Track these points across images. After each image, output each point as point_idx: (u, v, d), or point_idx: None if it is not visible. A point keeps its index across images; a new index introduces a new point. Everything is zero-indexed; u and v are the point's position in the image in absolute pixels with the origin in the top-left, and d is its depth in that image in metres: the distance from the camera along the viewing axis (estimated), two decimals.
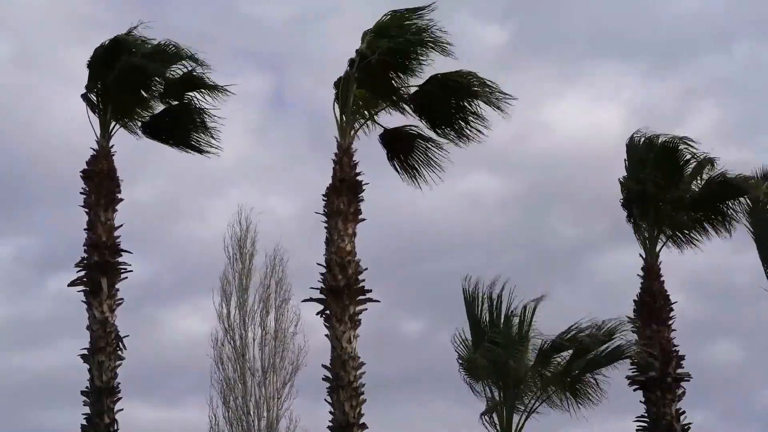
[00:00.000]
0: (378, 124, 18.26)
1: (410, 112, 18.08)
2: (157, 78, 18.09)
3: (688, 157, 19.42)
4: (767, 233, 19.49)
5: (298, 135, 42.47)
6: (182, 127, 18.82)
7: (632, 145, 19.57)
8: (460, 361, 17.50)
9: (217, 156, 18.94)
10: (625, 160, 19.68)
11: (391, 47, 17.22)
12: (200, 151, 18.96)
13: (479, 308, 17.67)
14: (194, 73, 18.06)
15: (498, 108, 17.44)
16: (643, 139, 19.50)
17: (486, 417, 17.35)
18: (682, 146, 19.32)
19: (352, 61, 17.41)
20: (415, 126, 18.23)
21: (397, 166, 18.56)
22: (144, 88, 18.29)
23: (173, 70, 18.11)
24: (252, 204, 38.98)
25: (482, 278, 17.76)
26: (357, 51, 17.35)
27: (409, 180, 18.58)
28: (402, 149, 18.41)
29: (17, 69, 40.49)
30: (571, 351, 17.83)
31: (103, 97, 17.97)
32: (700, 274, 30.70)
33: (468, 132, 18.03)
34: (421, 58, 17.48)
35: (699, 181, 19.49)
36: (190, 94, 18.40)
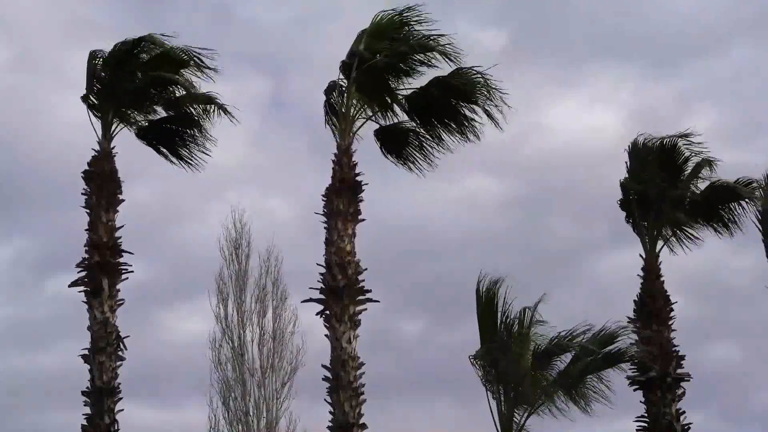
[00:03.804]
0: (378, 124, 18.32)
1: (406, 114, 18.14)
2: (175, 87, 18.15)
3: (687, 154, 19.54)
4: None
5: (296, 137, 42.51)
6: (176, 138, 18.88)
7: (635, 148, 19.67)
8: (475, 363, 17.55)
9: (207, 162, 19.05)
10: (626, 162, 19.77)
11: (396, 51, 17.29)
12: (188, 164, 19.02)
13: (489, 307, 17.70)
14: (208, 93, 18.16)
15: (496, 107, 17.49)
16: (645, 141, 19.62)
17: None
18: (681, 142, 19.43)
19: (348, 64, 17.41)
20: (408, 122, 18.30)
21: (391, 159, 18.61)
22: (161, 96, 18.34)
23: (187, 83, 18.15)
24: (251, 206, 39.08)
25: (499, 277, 17.80)
26: (354, 52, 17.34)
27: (404, 168, 18.64)
28: (395, 143, 18.47)
29: (17, 72, 40.56)
30: (570, 353, 17.90)
31: (107, 98, 17.96)
32: (699, 274, 30.75)
33: (463, 134, 18.07)
34: (423, 62, 17.56)
35: (697, 181, 19.56)
36: (192, 107, 18.46)
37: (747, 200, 19.54)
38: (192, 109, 18.56)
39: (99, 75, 17.93)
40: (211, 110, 18.37)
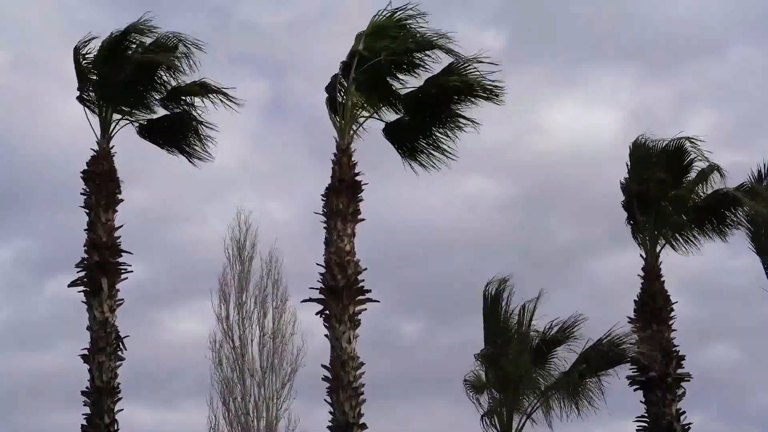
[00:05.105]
0: (380, 120, 18.29)
1: (403, 112, 18.11)
2: (166, 72, 18.01)
3: (693, 156, 19.53)
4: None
5: (296, 139, 42.63)
6: (179, 133, 18.80)
7: (636, 148, 19.66)
8: (465, 380, 17.54)
9: (209, 162, 18.97)
10: (627, 163, 19.76)
11: (396, 50, 17.29)
12: (194, 158, 18.95)
13: (496, 308, 17.70)
14: (205, 80, 18.08)
15: (492, 95, 17.41)
16: (647, 142, 19.63)
17: (488, 418, 17.37)
18: (687, 144, 19.42)
19: (348, 64, 17.40)
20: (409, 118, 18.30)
21: (406, 156, 18.40)
22: (151, 83, 18.21)
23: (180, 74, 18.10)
24: (250, 207, 39.16)
25: (506, 278, 17.80)
26: (354, 51, 17.34)
27: (420, 168, 18.44)
28: (407, 138, 18.35)
29: (17, 73, 40.62)
30: (571, 353, 17.90)
31: (104, 96, 17.93)
32: (698, 275, 30.81)
33: (459, 130, 18.05)
34: (426, 59, 17.56)
35: (704, 186, 19.54)
36: (190, 99, 18.39)
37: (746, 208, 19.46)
38: (190, 100, 18.43)
39: (90, 72, 17.90)
40: (212, 98, 18.18)
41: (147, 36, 17.80)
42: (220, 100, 18.10)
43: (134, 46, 17.90)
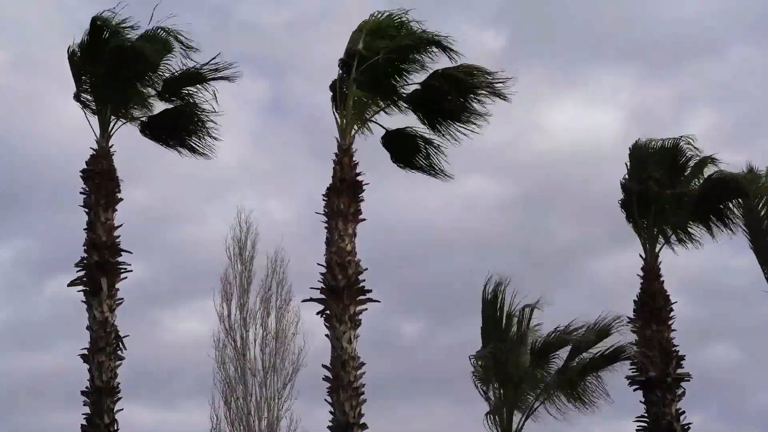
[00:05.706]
0: (378, 124, 18.32)
1: (409, 110, 18.10)
2: (154, 63, 17.86)
3: (690, 154, 19.57)
4: (763, 234, 19.59)
5: (296, 139, 42.57)
6: (181, 129, 18.77)
7: (636, 148, 19.72)
8: (474, 372, 17.53)
9: (213, 158, 18.96)
10: (626, 163, 19.81)
11: (395, 47, 17.29)
12: (197, 153, 18.94)
13: (494, 308, 17.71)
14: (196, 68, 18.00)
15: (500, 96, 17.44)
16: (646, 142, 19.68)
17: (491, 417, 17.36)
18: (682, 143, 19.47)
19: (349, 64, 17.39)
20: (414, 127, 18.30)
21: (402, 167, 18.54)
22: (140, 75, 18.09)
23: (169, 61, 18.00)
24: (250, 207, 39.10)
25: (505, 278, 17.80)
26: (354, 51, 17.33)
27: (420, 175, 18.60)
28: (405, 150, 18.42)
29: (16, 73, 40.59)
30: (568, 350, 17.90)
31: (99, 94, 17.88)
32: (698, 275, 30.79)
33: (466, 127, 18.03)
34: (424, 57, 17.54)
35: (700, 179, 19.57)
36: (191, 89, 18.35)
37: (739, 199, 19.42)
38: (190, 90, 18.39)
39: (84, 72, 17.87)
40: (211, 84, 18.17)
41: (132, 30, 17.76)
42: (217, 86, 18.07)
43: (122, 44, 17.81)
